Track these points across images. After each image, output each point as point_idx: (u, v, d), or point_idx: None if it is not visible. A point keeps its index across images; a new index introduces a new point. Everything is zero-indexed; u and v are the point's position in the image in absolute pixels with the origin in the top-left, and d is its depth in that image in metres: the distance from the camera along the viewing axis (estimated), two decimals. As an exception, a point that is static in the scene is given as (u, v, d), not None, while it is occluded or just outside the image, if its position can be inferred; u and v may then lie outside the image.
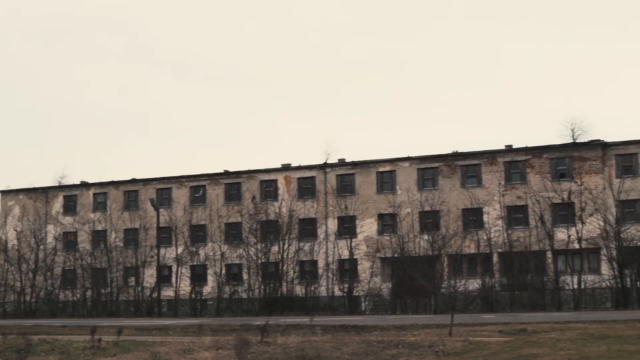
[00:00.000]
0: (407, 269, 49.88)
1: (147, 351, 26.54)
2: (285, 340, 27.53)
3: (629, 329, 27.30)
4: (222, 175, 62.33)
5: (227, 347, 25.94)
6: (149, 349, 27.18)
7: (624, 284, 48.49)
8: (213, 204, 61.35)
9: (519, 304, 49.24)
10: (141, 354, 26.20)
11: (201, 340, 29.08)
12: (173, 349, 26.43)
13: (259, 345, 26.11)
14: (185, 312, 57.82)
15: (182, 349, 26.45)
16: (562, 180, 53.55)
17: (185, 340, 29.88)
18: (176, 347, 27.06)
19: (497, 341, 25.19)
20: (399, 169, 57.59)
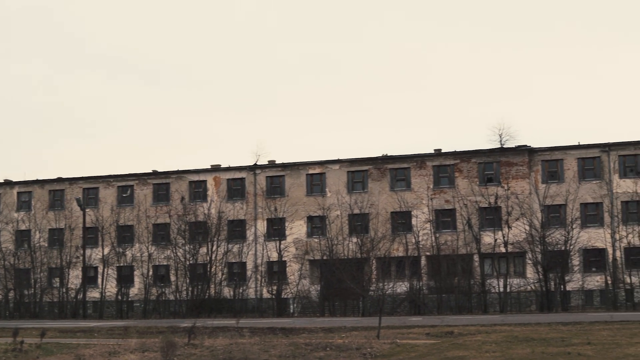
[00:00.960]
0: (336, 272, 50.04)
1: (71, 354, 26.03)
2: (213, 342, 27.29)
3: (553, 332, 27.73)
4: (150, 176, 61.70)
5: (154, 349, 25.61)
6: (73, 351, 26.67)
7: (549, 287, 49.29)
8: (141, 204, 60.67)
9: (446, 307, 49.70)
10: (65, 356, 25.69)
11: (127, 342, 28.66)
12: (98, 352, 25.98)
13: (186, 348, 25.83)
14: (111, 314, 56.99)
15: (107, 351, 26.02)
16: (489, 185, 54.31)
17: (110, 342, 29.42)
18: (101, 349, 26.61)
19: (424, 344, 25.33)
20: (329, 171, 57.72)
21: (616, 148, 53.70)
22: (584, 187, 53.46)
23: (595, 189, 53.50)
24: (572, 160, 54.25)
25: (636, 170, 53.34)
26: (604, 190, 53.35)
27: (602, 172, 53.65)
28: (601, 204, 53.43)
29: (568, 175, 53.90)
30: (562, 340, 24.41)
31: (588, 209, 53.83)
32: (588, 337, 25.12)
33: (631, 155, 53.68)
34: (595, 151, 54.05)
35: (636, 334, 26.03)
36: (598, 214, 53.61)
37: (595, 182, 53.64)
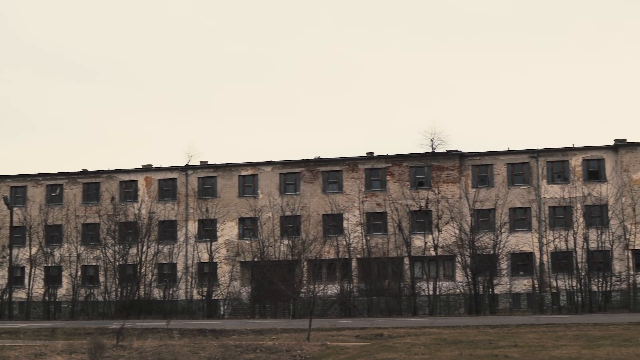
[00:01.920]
0: (267, 274, 49.97)
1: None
2: (142, 344, 27.01)
3: (480, 334, 28.08)
4: (80, 175, 60.83)
5: (81, 351, 25.24)
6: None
7: (477, 290, 49.92)
8: (70, 203, 59.75)
9: (376, 309, 49.98)
10: (-11, 358, 25.18)
11: (54, 344, 28.20)
12: (23, 353, 25.49)
13: (114, 349, 25.50)
14: (38, 314, 55.98)
15: (33, 353, 25.55)
16: (420, 189, 54.83)
17: (37, 344, 28.89)
18: (27, 351, 26.11)
19: (354, 346, 25.44)
20: (262, 173, 57.63)
21: (544, 154, 54.70)
22: (512, 192, 54.33)
23: (524, 194, 54.42)
24: (501, 165, 55.10)
25: (563, 177, 54.40)
26: (532, 196, 54.30)
27: (531, 178, 54.59)
28: (529, 209, 54.37)
29: (497, 180, 54.72)
30: (490, 342, 24.75)
31: (516, 214, 54.72)
32: (515, 339, 25.51)
33: (559, 161, 54.74)
34: (524, 157, 54.98)
35: (561, 336, 26.52)
36: (526, 219, 54.53)
37: (523, 188, 54.55)
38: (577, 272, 49.81)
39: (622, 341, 24.38)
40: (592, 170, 54.42)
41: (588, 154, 54.56)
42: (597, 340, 24.75)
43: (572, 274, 49.88)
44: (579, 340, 25.11)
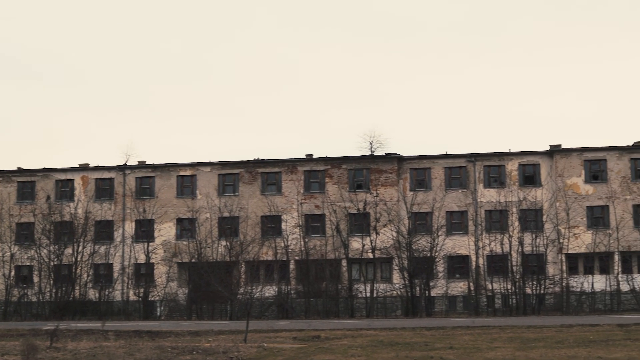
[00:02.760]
0: (204, 275, 49.68)
1: None
2: (76, 345, 26.69)
3: (417, 336, 28.34)
4: (15, 173, 59.77)
5: (13, 352, 24.86)
6: None
7: (414, 292, 50.31)
8: (4, 202, 58.65)
9: (314, 311, 50.06)
10: None
11: (-15, 345, 27.69)
12: (-47, 355, 25.03)
13: (48, 351, 25.16)
14: (-32, 315, 54.87)
15: (-37, 354, 25.10)
16: (359, 191, 55.07)
17: (-33, 345, 28.35)
18: (-43, 352, 25.64)
19: (291, 347, 25.47)
20: (200, 173, 57.32)
21: (481, 159, 55.38)
22: (450, 195, 54.89)
23: (461, 197, 55.02)
24: (439, 169, 55.62)
25: (500, 181, 55.14)
26: (469, 199, 54.92)
27: (468, 182, 55.22)
28: (466, 212, 54.98)
29: (435, 184, 55.23)
30: (426, 344, 24.98)
31: (453, 217, 55.29)
32: (450, 341, 25.79)
33: (495, 165, 55.46)
34: (462, 161, 55.60)
35: (496, 338, 26.89)
36: (463, 222, 55.14)
37: (460, 191, 55.15)
38: (512, 275, 50.50)
39: (555, 343, 24.81)
40: (528, 175, 55.26)
41: (524, 159, 55.39)
42: (531, 343, 25.14)
43: (507, 277, 50.56)
44: (513, 342, 25.49)
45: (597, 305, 49.59)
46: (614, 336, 26.83)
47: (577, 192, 53.98)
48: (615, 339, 25.80)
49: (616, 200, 53.64)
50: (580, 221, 53.63)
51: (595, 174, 54.54)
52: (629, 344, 24.07)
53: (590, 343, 24.55)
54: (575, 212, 53.42)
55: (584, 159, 54.52)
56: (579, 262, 54.25)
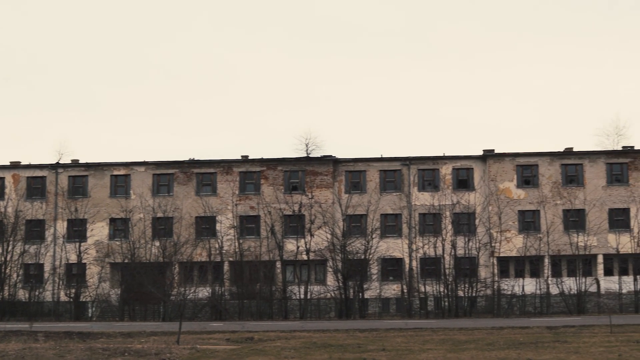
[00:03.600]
0: (137, 276, 49.24)
1: None
2: (4, 347, 26.20)
3: (350, 338, 28.44)
4: (-57, 171, 58.47)
5: (-62, 354, 24.31)
6: None
7: (347, 294, 50.49)
8: None
9: (248, 313, 49.91)
10: None
11: None
12: None
13: (-25, 353, 24.67)
14: None
15: None
16: (294, 193, 55.10)
17: None
18: None
19: (224, 349, 25.37)
20: (134, 173, 56.74)
21: (416, 162, 55.86)
22: (384, 198, 55.23)
23: (395, 200, 55.42)
24: (374, 172, 55.96)
25: (434, 184, 55.69)
26: (403, 202, 55.35)
27: (402, 185, 55.65)
28: (400, 215, 55.40)
29: (370, 187, 55.54)
30: (359, 346, 25.10)
31: (388, 220, 55.66)
32: (383, 343, 25.95)
33: (429, 169, 56.01)
34: (397, 164, 56.00)
35: (428, 340, 27.14)
36: (397, 225, 55.54)
37: (395, 194, 55.55)
38: (444, 278, 50.99)
39: (486, 345, 25.12)
40: (462, 179, 55.92)
41: (458, 163, 56.04)
42: (462, 344, 25.42)
43: (440, 280, 51.05)
44: (444, 344, 25.74)
45: (527, 307, 50.35)
46: (543, 338, 27.27)
47: (509, 197, 54.79)
48: (544, 341, 26.23)
49: (547, 205, 54.58)
50: (512, 225, 54.45)
51: (527, 179, 55.44)
52: (557, 346, 24.49)
53: (520, 345, 24.92)
54: (507, 216, 54.23)
55: (516, 164, 55.38)
56: (510, 265, 55.07)
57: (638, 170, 55.37)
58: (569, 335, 28.41)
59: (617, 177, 55.64)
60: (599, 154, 55.99)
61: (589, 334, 29.28)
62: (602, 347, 23.81)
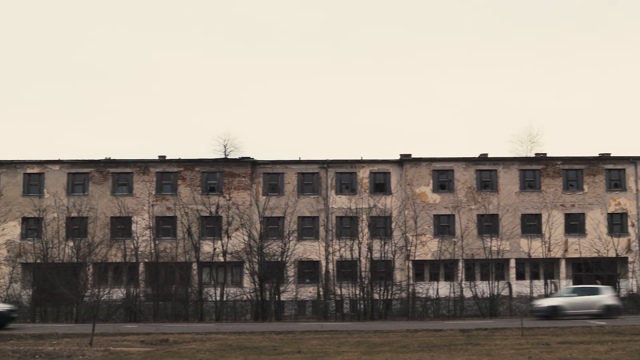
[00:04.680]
0: (49, 276, 48.32)
1: None
2: None
3: (266, 340, 28.39)
4: None
5: None
6: None
7: (264, 297, 50.35)
8: None
9: (163, 314, 49.35)
10: None
11: None
12: None
13: None
14: None
15: None
16: (211, 194, 54.86)
17: None
18: None
19: (138, 351, 25.06)
20: (49, 172, 55.74)
21: (334, 165, 56.20)
22: (302, 201, 55.41)
23: (313, 203, 55.64)
24: (292, 174, 56.09)
25: (351, 188, 56.08)
26: (320, 205, 55.59)
27: (320, 188, 55.90)
28: (317, 218, 55.65)
29: (288, 189, 55.65)
30: (274, 348, 25.08)
31: (305, 222, 55.86)
32: (299, 345, 25.98)
33: (347, 172, 56.40)
34: (315, 167, 56.24)
35: (343, 343, 27.26)
36: (314, 228, 55.77)
37: (313, 197, 55.77)
38: (360, 281, 51.26)
39: (400, 348, 25.35)
40: (379, 183, 56.47)
41: (375, 167, 56.56)
42: (377, 347, 25.61)
43: (356, 283, 51.31)
44: (360, 346, 25.90)
45: (441, 310, 51.00)
46: (457, 341, 27.65)
47: (425, 201, 55.53)
48: (457, 343, 26.59)
49: (462, 209, 55.49)
50: (427, 229, 55.20)
51: (442, 184, 56.28)
52: (470, 348, 24.85)
53: (433, 348, 25.21)
54: (423, 220, 54.96)
55: (432, 169, 56.17)
56: (425, 268, 55.81)
57: (550, 177, 56.73)
58: (482, 338, 28.85)
59: (530, 183, 56.92)
60: (512, 161, 57.22)
61: (501, 336, 29.78)
62: (513, 349, 24.25)
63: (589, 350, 23.56)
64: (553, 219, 55.82)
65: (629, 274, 56.25)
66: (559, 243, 55.69)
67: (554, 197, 56.49)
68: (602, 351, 23.20)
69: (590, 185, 57.05)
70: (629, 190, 57.35)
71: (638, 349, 23.42)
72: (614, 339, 27.38)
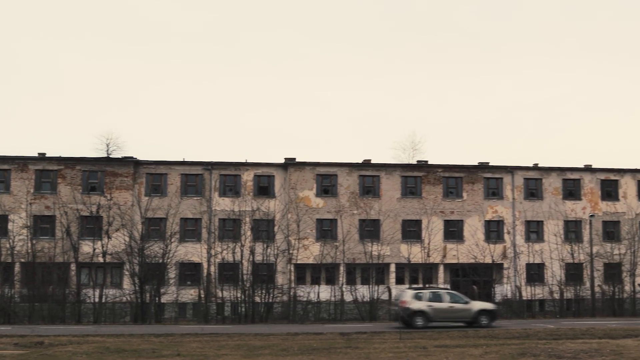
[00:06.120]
0: None
1: None
2: None
3: (145, 343, 28.11)
4: None
5: None
6: None
7: (144, 299, 49.70)
8: None
9: (39, 316, 48.09)
10: None
11: None
12: None
13: None
14: None
15: None
16: (92, 194, 53.83)
17: None
18: None
19: (11, 354, 24.45)
20: None
21: (218, 167, 55.93)
22: (185, 202, 54.96)
23: (196, 205, 55.26)
24: (176, 175, 55.56)
25: (235, 190, 55.95)
26: (204, 207, 55.27)
27: (204, 190, 55.57)
28: (200, 220, 55.30)
29: (171, 190, 55.11)
30: (153, 351, 24.87)
31: (187, 224, 55.41)
32: (178, 348, 25.83)
33: (231, 175, 56.23)
34: (199, 169, 55.87)
35: (224, 346, 27.24)
36: (196, 229, 55.39)
37: (196, 199, 55.39)
38: (242, 284, 51.16)
39: (280, 350, 25.50)
40: (262, 186, 56.52)
41: (259, 169, 56.60)
42: (257, 350, 25.70)
43: (238, 285, 51.19)
44: (240, 349, 25.93)
45: (322, 314, 51.37)
46: (336, 344, 27.96)
47: (308, 205, 55.88)
48: (337, 347, 26.89)
49: (344, 214, 56.09)
50: (310, 233, 55.56)
51: (326, 188, 56.76)
52: (349, 351, 25.18)
53: (313, 351, 25.44)
54: (306, 224, 55.30)
55: (316, 173, 56.57)
56: (307, 272, 56.15)
57: (431, 184, 57.92)
58: (361, 342, 29.26)
59: (411, 189, 57.99)
60: (395, 167, 58.17)
61: (380, 340, 30.27)
62: (391, 352, 24.70)
63: (464, 353, 24.20)
64: (433, 225, 56.99)
65: (504, 279, 57.95)
66: (437, 249, 56.89)
67: (434, 203, 57.71)
68: (476, 354, 23.86)
69: (469, 193, 58.52)
70: (505, 199, 59.09)
71: (511, 353, 24.19)
72: (488, 343, 28.21)
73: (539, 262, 58.36)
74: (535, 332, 34.22)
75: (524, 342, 28.77)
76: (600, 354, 24.03)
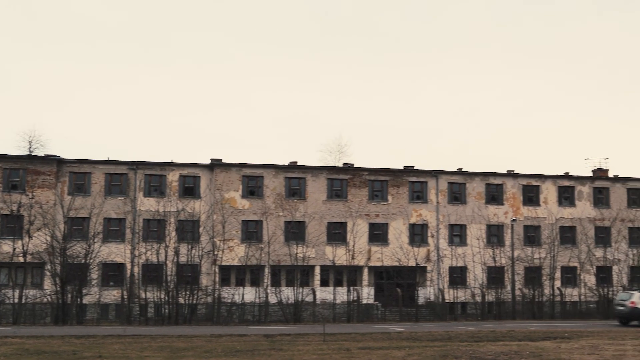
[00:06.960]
0: None
1: None
2: None
3: (65, 345, 27.70)
4: None
5: None
6: None
7: (65, 299, 48.94)
8: None
9: (-45, 317, 47.06)
10: None
11: None
12: None
13: None
14: None
15: None
16: (13, 192, 52.82)
17: None
18: None
19: None
20: None
21: (143, 167, 55.40)
22: (109, 202, 54.31)
23: (120, 205, 54.65)
24: (100, 174, 54.87)
25: (160, 190, 55.49)
26: (128, 207, 54.68)
27: (128, 189, 54.98)
28: (124, 220, 54.69)
29: (95, 189, 54.39)
30: (74, 353, 24.52)
31: (111, 224, 54.75)
32: (100, 350, 25.52)
33: (156, 175, 55.74)
34: (123, 168, 55.26)
35: (146, 347, 27.00)
36: (120, 230, 54.77)
37: (120, 199, 54.77)
38: (166, 285, 50.74)
39: (204, 352, 25.38)
40: (188, 187, 56.17)
41: (185, 170, 56.23)
42: (181, 352, 25.53)
43: (162, 287, 50.74)
44: (163, 351, 25.73)
45: (246, 316, 51.27)
46: (260, 346, 27.94)
47: (234, 206, 55.73)
48: (260, 348, 26.87)
49: (270, 216, 56.09)
50: (235, 234, 55.42)
51: (252, 190, 56.69)
52: (273, 353, 25.19)
53: (237, 353, 25.38)
54: (231, 225, 55.12)
55: (242, 175, 56.46)
56: (232, 273, 55.98)
57: (356, 187, 58.30)
58: (285, 343, 29.28)
59: (337, 192, 58.28)
60: (321, 170, 58.41)
61: (304, 342, 30.34)
62: (315, 354, 24.77)
63: (387, 355, 24.41)
64: (358, 227, 57.38)
65: (427, 282, 58.61)
66: (362, 251, 57.31)
67: (360, 206, 58.10)
68: (399, 356, 24.09)
69: (394, 196, 59.06)
70: (430, 202, 59.80)
71: (433, 354, 24.48)
72: (411, 345, 28.51)
73: (462, 265, 59.17)
74: (457, 335, 34.68)
75: (446, 344, 29.13)
76: (520, 356, 24.47)
